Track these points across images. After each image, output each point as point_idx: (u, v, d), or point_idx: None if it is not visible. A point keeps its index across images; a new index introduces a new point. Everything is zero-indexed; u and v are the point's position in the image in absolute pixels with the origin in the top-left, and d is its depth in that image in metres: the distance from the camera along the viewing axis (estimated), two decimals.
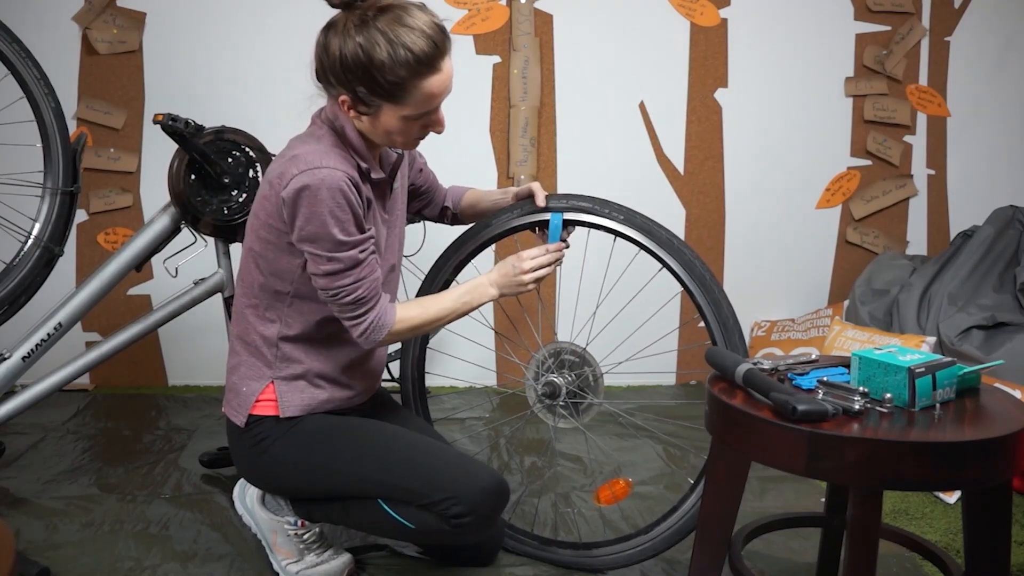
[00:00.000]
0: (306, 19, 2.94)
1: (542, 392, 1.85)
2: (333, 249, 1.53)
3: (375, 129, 1.58)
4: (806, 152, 3.15)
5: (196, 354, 3.05)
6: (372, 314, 1.61)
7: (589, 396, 1.85)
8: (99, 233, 3.00)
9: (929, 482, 1.19)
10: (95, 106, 2.92)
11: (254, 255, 1.65)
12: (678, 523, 1.79)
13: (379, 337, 1.63)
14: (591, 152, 3.07)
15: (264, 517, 1.77)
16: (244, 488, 1.83)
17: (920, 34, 3.11)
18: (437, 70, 1.51)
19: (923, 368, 1.27)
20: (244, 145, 2.24)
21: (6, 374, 2.10)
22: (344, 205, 1.52)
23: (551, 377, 1.85)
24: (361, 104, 1.53)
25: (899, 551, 1.88)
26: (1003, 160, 3.23)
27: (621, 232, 1.82)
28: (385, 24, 1.47)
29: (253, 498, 1.79)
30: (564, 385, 1.84)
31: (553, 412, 1.87)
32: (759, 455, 1.26)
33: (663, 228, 1.82)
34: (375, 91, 1.50)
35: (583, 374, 1.85)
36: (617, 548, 1.84)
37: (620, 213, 1.82)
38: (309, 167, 1.51)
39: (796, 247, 3.21)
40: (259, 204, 1.61)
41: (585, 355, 1.85)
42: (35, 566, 1.78)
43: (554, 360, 1.87)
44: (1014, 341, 2.53)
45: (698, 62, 3.06)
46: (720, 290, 1.79)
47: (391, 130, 1.57)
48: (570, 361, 1.86)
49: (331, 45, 1.51)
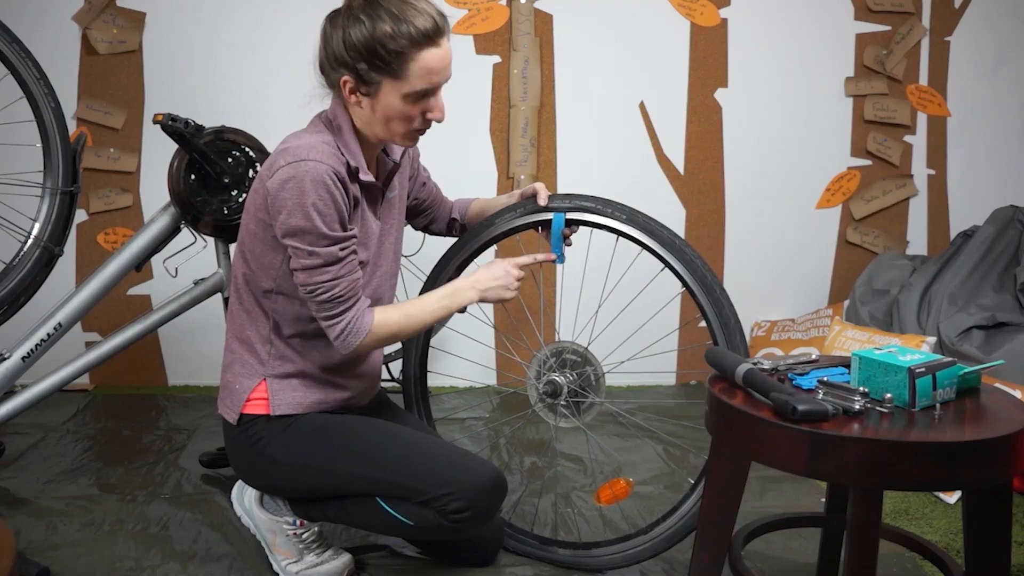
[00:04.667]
0: (306, 19, 2.94)
1: (544, 391, 1.85)
2: (314, 243, 1.54)
3: (375, 116, 1.59)
4: (806, 152, 3.15)
5: (196, 354, 3.05)
6: (349, 315, 1.60)
7: (591, 395, 1.85)
8: (99, 233, 3.00)
9: (929, 482, 1.19)
10: (95, 106, 2.92)
11: (243, 249, 1.67)
12: (678, 523, 1.79)
13: (355, 342, 1.61)
14: (591, 152, 3.06)
15: (263, 518, 1.77)
16: (242, 489, 1.83)
17: (920, 34, 3.11)
18: (437, 45, 1.54)
19: (923, 368, 1.26)
20: (244, 145, 2.24)
21: (6, 374, 2.10)
22: (327, 199, 1.53)
23: (553, 376, 1.85)
24: (362, 84, 1.56)
25: (899, 551, 1.88)
26: (1003, 160, 3.23)
27: (624, 232, 1.82)
28: (391, 4, 1.53)
29: (251, 499, 1.78)
30: (566, 384, 1.84)
31: (555, 411, 1.87)
32: (759, 455, 1.26)
33: (665, 228, 1.82)
34: (377, 66, 1.53)
35: (585, 373, 1.85)
36: (617, 548, 1.84)
37: (623, 213, 1.82)
38: (296, 159, 1.53)
39: (796, 247, 3.21)
40: (250, 197, 1.64)
41: (587, 354, 1.85)
42: (35, 566, 1.78)
43: (556, 359, 1.87)
44: (1014, 341, 2.52)
45: (698, 62, 3.06)
46: (722, 290, 1.79)
47: (391, 114, 1.58)
48: (572, 360, 1.86)
49: (336, 28, 1.56)
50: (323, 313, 1.60)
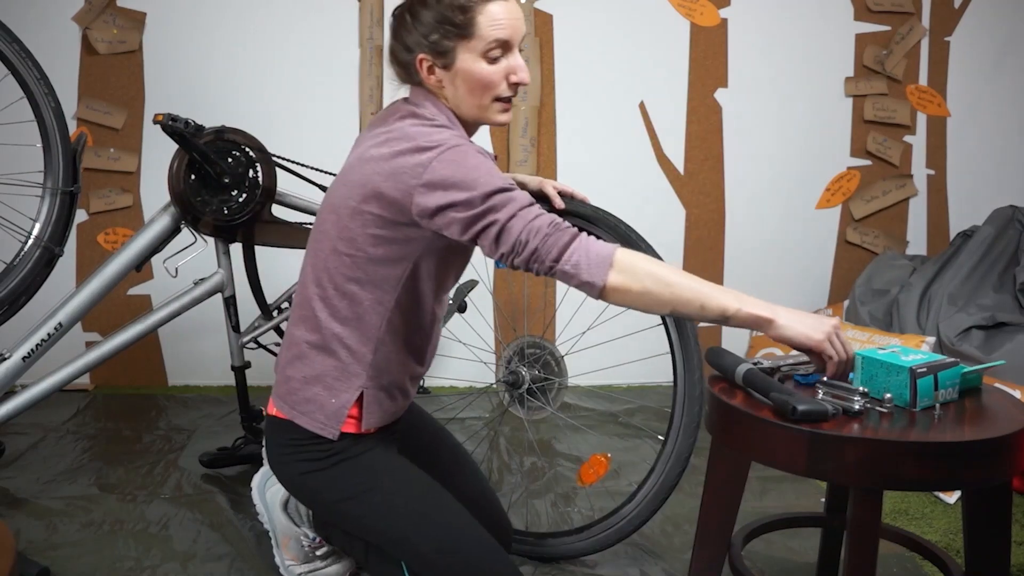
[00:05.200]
0: (306, 19, 2.95)
1: (507, 380, 1.85)
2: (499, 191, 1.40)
3: (458, 90, 1.52)
4: (806, 152, 3.15)
5: (196, 354, 3.05)
6: (578, 240, 1.39)
7: (554, 378, 1.84)
8: (99, 233, 3.00)
9: (929, 482, 1.19)
10: (95, 106, 2.92)
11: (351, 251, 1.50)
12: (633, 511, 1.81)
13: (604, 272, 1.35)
14: (591, 152, 3.07)
15: (282, 521, 1.73)
16: (266, 481, 1.77)
17: (920, 34, 3.11)
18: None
19: (924, 368, 1.27)
20: (244, 145, 2.24)
21: (6, 374, 2.10)
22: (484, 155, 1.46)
23: (513, 367, 1.84)
24: (438, 56, 1.49)
25: (899, 551, 1.88)
26: (1003, 160, 3.23)
27: None
28: None
29: (275, 499, 1.74)
30: (526, 372, 1.83)
31: (522, 403, 1.86)
32: (759, 455, 1.26)
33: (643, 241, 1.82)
34: (447, 33, 1.47)
35: (542, 357, 1.84)
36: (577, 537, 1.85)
37: (612, 231, 1.81)
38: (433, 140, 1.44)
39: (796, 247, 3.21)
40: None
41: (542, 342, 1.85)
42: (35, 566, 1.78)
43: (518, 356, 1.87)
44: (1014, 341, 2.52)
45: (698, 62, 3.06)
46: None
47: (473, 83, 1.50)
48: (531, 353, 1.86)
49: (407, 14, 1.50)
50: (555, 247, 1.38)
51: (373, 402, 1.54)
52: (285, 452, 1.56)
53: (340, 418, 1.51)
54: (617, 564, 1.89)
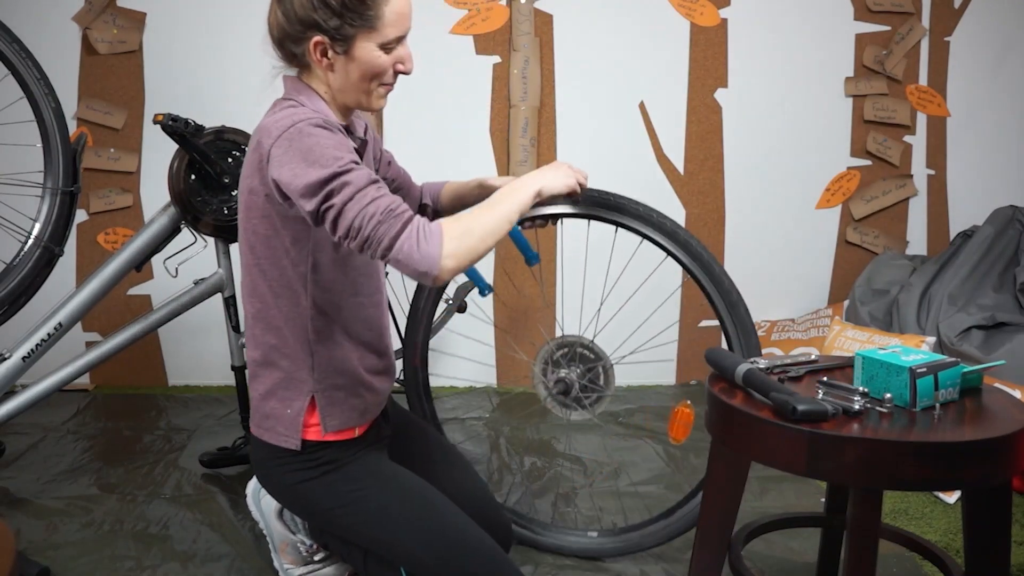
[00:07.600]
0: None
1: (556, 390, 1.85)
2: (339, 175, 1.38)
3: (349, 77, 1.51)
4: (806, 152, 3.15)
5: (196, 354, 3.05)
6: (413, 222, 1.38)
7: (601, 389, 1.84)
8: (99, 233, 3.00)
9: (929, 482, 1.19)
10: (95, 106, 2.92)
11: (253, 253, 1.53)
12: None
13: (435, 248, 1.35)
14: (591, 152, 3.06)
15: (279, 529, 1.73)
16: (259, 490, 1.77)
17: (920, 34, 3.11)
18: None
19: (924, 368, 1.27)
20: (244, 145, 2.24)
21: (6, 374, 2.10)
22: (329, 134, 1.43)
23: (561, 373, 1.84)
24: (336, 42, 1.47)
25: (899, 551, 1.88)
26: (1003, 160, 3.23)
27: (650, 236, 1.82)
28: None
29: (270, 508, 1.74)
30: (576, 380, 1.84)
31: (566, 406, 1.87)
32: (759, 455, 1.26)
33: (680, 228, 1.82)
34: (350, 19, 1.46)
35: (594, 368, 1.84)
36: None
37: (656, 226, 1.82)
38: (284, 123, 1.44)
39: (796, 247, 3.21)
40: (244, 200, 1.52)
41: (594, 347, 1.85)
42: (35, 566, 1.78)
43: (563, 354, 1.87)
44: (1014, 341, 2.53)
45: (698, 62, 3.06)
46: (738, 294, 1.79)
47: (367, 71, 1.49)
48: (580, 354, 1.86)
49: None
50: (386, 236, 1.36)
51: (329, 404, 1.54)
52: (268, 467, 1.58)
53: (297, 426, 1.52)
54: (617, 564, 1.89)
